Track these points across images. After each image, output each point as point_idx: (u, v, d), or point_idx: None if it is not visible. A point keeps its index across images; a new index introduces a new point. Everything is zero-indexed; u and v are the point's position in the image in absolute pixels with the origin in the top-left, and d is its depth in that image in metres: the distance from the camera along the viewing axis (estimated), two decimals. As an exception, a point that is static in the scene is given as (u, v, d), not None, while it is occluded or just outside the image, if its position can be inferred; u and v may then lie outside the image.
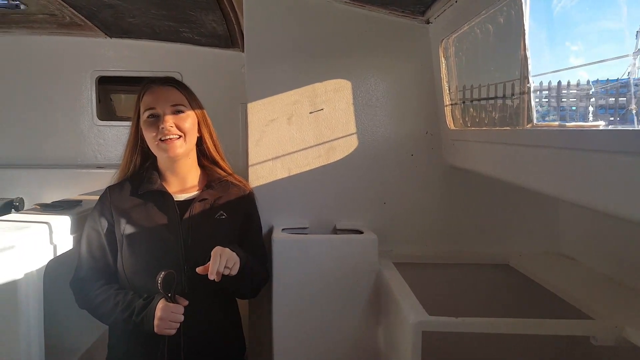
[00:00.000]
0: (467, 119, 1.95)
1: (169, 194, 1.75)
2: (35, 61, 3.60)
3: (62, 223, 1.71)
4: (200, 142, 1.83)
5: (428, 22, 2.15)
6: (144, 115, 1.71)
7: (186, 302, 1.57)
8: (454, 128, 2.08)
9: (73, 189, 3.05)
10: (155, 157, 1.80)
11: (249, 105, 2.13)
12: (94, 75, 3.63)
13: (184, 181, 1.81)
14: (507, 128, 1.54)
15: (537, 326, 1.52)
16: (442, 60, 2.08)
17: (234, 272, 1.57)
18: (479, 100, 1.80)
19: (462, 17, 1.81)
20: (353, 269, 1.98)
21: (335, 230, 2.18)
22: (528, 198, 2.16)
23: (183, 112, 1.73)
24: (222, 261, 1.53)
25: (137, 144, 1.78)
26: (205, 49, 3.61)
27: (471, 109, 1.88)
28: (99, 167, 3.56)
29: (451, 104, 2.08)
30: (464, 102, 1.96)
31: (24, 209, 3.10)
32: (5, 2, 3.06)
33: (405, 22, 2.18)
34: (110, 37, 3.58)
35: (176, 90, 1.76)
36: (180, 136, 1.71)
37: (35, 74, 3.60)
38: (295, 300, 1.96)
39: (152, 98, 1.72)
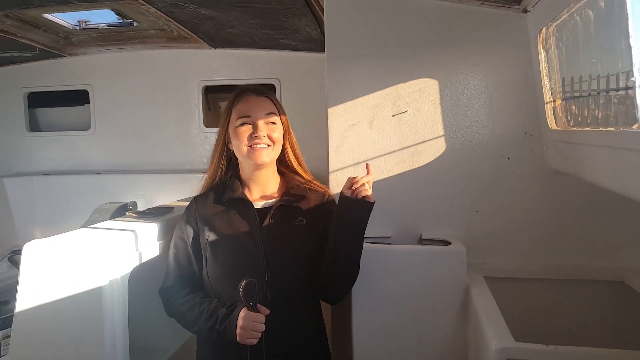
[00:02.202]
0: (569, 118, 1.71)
1: (250, 201, 1.76)
2: (149, 73, 3.91)
3: (149, 230, 1.80)
4: (283, 152, 1.84)
5: (525, 11, 1.93)
6: (237, 122, 1.74)
7: (267, 311, 1.56)
8: (556, 128, 1.84)
9: (182, 192, 3.26)
10: (237, 166, 1.83)
11: (329, 110, 2.08)
12: (201, 84, 3.85)
13: (265, 189, 1.82)
14: (611, 129, 1.31)
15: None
16: (542, 52, 1.86)
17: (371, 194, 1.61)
18: (579, 97, 1.56)
19: (560, 3, 1.59)
20: (439, 283, 1.85)
21: (421, 241, 2.05)
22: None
23: (275, 122, 1.76)
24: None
25: (224, 151, 1.82)
26: (302, 54, 3.65)
27: (573, 107, 1.64)
28: (205, 172, 3.75)
29: (552, 101, 1.84)
30: (565, 99, 1.73)
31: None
32: (121, 20, 3.38)
33: (499, 12, 1.98)
34: (215, 47, 3.78)
35: (269, 100, 1.79)
36: (269, 145, 1.72)
37: (149, 85, 3.91)
38: (376, 314, 1.88)
39: (247, 106, 1.75)
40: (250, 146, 1.70)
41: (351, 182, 1.62)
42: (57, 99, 4.17)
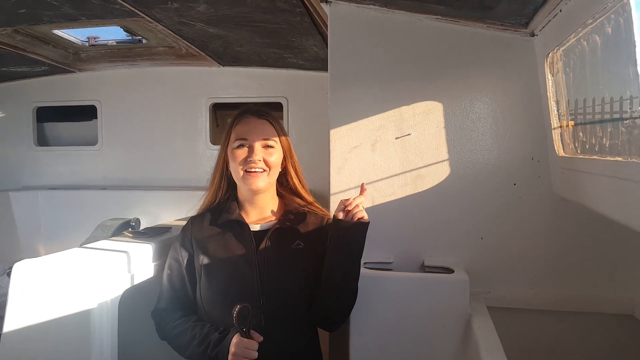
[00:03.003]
0: (577, 145, 1.65)
1: (246, 223, 1.72)
2: (158, 90, 3.93)
3: (143, 251, 1.76)
4: (285, 176, 1.81)
5: (532, 35, 1.89)
6: (234, 144, 1.71)
7: (261, 338, 1.52)
8: (564, 154, 1.79)
9: (187, 210, 3.23)
10: (235, 187, 1.80)
11: (332, 132, 2.04)
12: (208, 102, 3.85)
13: (262, 211, 1.79)
14: (619, 159, 1.25)
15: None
16: (549, 76, 1.81)
17: (362, 214, 1.56)
18: (586, 123, 1.51)
19: (568, 28, 1.54)
20: (440, 312, 1.78)
21: (423, 267, 1.99)
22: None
23: (272, 147, 1.73)
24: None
25: (224, 170, 1.79)
26: (310, 73, 3.65)
27: (580, 133, 1.59)
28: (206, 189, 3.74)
29: (560, 127, 1.79)
30: (572, 125, 1.67)
31: (140, 228, 3.34)
32: (130, 37, 3.40)
33: (506, 35, 1.94)
34: (223, 65, 3.79)
35: (269, 124, 1.76)
36: (264, 170, 1.69)
37: (157, 102, 3.94)
38: (374, 342, 1.81)
39: (245, 129, 1.73)
40: (245, 170, 1.68)
41: (344, 204, 1.58)
42: (65, 114, 4.20)
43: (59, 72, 3.92)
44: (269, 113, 1.79)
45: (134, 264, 1.68)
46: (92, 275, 1.51)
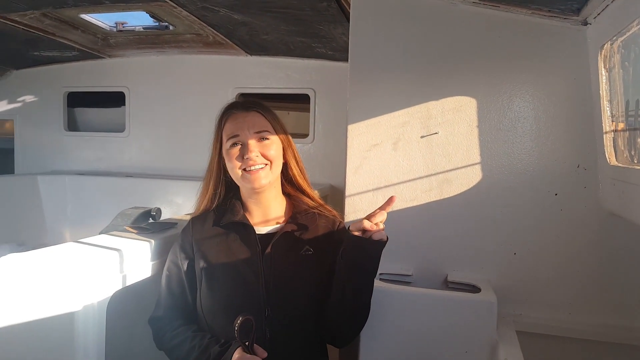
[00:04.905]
0: (633, 153, 1.41)
1: (251, 226, 1.58)
2: (185, 78, 3.87)
3: (139, 249, 1.64)
4: (285, 169, 1.64)
5: (585, 23, 1.64)
6: (227, 144, 1.57)
7: (265, 354, 1.38)
8: (616, 164, 1.55)
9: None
10: (237, 188, 1.66)
11: (349, 128, 1.87)
12: (235, 91, 3.76)
13: (268, 212, 1.63)
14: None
15: None
16: (603, 71, 1.57)
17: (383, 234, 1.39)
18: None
19: (629, 14, 1.30)
20: (462, 336, 1.60)
21: (446, 283, 1.80)
22: None
23: (268, 138, 1.57)
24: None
25: (220, 175, 1.65)
26: (338, 64, 3.49)
27: (639, 140, 1.35)
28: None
29: (613, 131, 1.55)
30: (628, 130, 1.43)
31: (160, 218, 3.28)
32: (157, 23, 3.33)
33: (554, 24, 1.71)
34: (250, 54, 3.70)
35: (260, 114, 1.61)
36: (265, 164, 1.55)
37: (184, 90, 3.88)
38: (385, 363, 1.64)
39: (234, 125, 1.58)
40: (244, 170, 1.53)
41: (363, 227, 1.38)
42: (94, 100, 4.21)
43: (89, 58, 3.92)
44: (257, 103, 1.64)
45: (127, 263, 1.56)
46: (77, 275, 1.38)
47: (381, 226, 1.38)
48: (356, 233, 1.40)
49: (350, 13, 1.86)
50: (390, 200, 1.41)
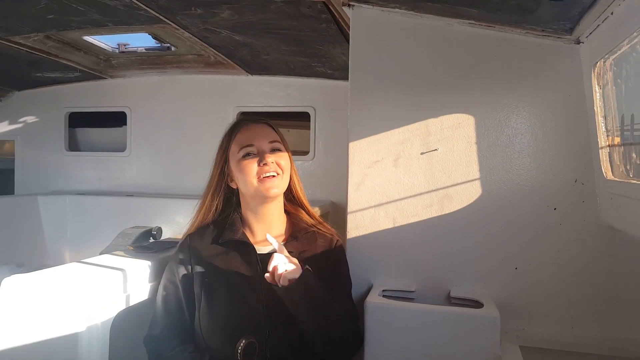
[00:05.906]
0: (629, 167, 1.44)
1: (252, 245, 1.57)
2: (186, 98, 3.91)
3: (142, 269, 1.64)
4: (288, 185, 1.66)
5: (578, 42, 1.68)
6: (239, 155, 1.57)
7: None
8: (612, 178, 1.57)
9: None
10: (238, 204, 1.66)
11: (351, 145, 1.89)
12: (236, 110, 3.78)
13: (269, 229, 1.62)
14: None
15: None
16: (597, 88, 1.60)
17: (290, 275, 1.37)
18: (638, 143, 1.30)
19: (620, 33, 1.34)
20: (465, 352, 1.59)
21: (449, 299, 1.80)
22: None
23: (280, 150, 1.60)
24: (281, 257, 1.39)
25: (221, 189, 1.66)
26: (337, 82, 3.53)
27: (634, 154, 1.38)
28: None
29: (608, 146, 1.57)
30: (623, 145, 1.46)
31: (161, 238, 3.27)
32: (159, 44, 3.37)
33: (548, 43, 1.74)
34: (251, 74, 3.73)
35: (270, 127, 1.64)
36: (278, 174, 1.56)
37: (186, 109, 3.91)
38: (389, 380, 1.63)
39: (248, 135, 1.59)
40: (259, 178, 1.53)
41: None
42: (95, 120, 4.23)
43: (91, 78, 3.95)
44: (265, 119, 1.68)
45: (130, 283, 1.56)
46: (81, 295, 1.38)
47: (280, 270, 1.37)
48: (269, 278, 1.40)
49: (350, 34, 1.90)
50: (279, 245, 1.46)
